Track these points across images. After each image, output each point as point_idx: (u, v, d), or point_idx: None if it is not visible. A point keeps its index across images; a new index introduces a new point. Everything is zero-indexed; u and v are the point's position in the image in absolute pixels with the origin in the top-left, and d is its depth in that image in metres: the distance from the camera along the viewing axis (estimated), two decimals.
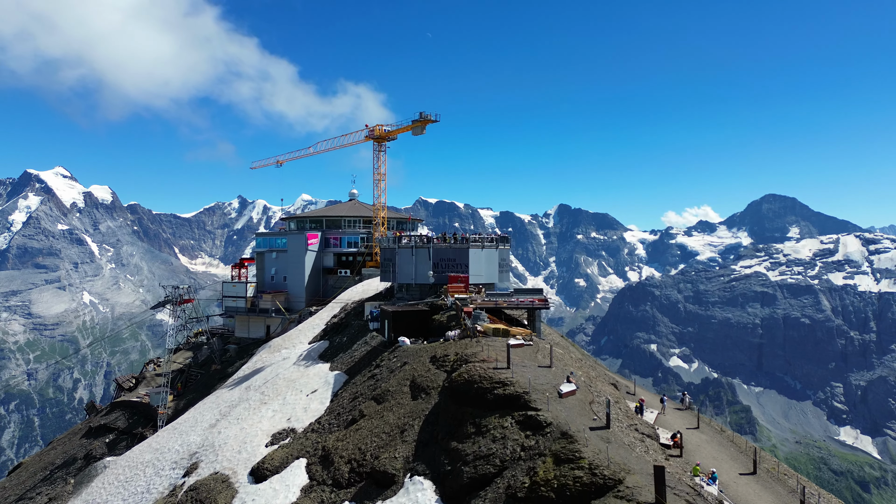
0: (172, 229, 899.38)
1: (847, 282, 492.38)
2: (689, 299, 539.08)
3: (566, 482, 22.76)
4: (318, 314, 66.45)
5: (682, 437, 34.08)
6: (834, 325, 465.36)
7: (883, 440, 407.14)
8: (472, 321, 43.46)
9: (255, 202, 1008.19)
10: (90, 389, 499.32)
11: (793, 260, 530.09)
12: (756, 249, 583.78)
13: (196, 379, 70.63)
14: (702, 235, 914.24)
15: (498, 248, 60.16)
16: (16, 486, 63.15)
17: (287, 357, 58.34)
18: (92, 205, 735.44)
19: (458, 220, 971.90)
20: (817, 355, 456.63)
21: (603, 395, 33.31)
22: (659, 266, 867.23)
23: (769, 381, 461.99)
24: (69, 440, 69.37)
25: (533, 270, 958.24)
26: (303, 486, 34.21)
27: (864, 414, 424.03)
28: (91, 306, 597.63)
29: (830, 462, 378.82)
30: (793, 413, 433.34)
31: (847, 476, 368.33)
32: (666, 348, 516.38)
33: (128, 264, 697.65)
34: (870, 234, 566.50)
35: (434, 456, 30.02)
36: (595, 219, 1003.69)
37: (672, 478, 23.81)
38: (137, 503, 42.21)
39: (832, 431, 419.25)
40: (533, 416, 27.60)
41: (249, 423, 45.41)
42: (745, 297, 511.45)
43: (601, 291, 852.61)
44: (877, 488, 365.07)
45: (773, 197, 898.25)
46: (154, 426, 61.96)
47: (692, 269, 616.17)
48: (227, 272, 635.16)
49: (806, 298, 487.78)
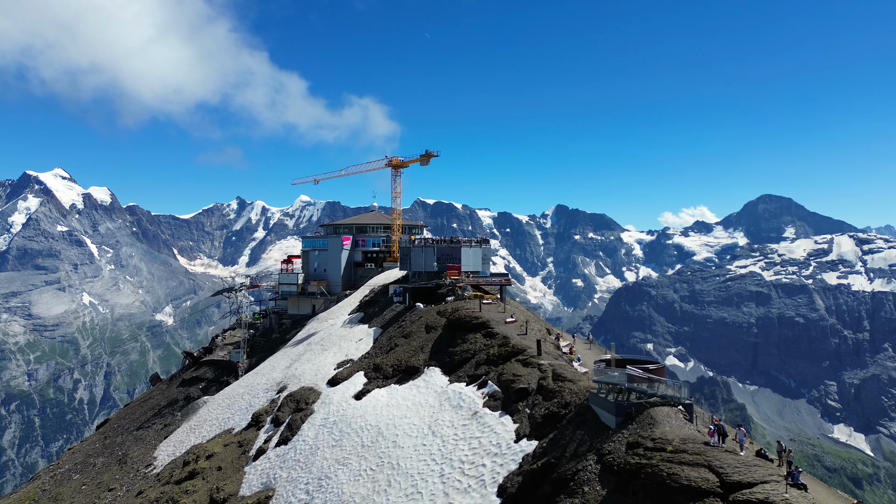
0: (171, 230, 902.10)
1: (841, 281, 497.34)
2: (685, 299, 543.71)
3: (503, 352, 45.29)
4: (353, 295, 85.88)
5: (573, 349, 51.46)
6: (828, 324, 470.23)
7: (876, 437, 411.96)
8: (462, 291, 66.28)
9: (254, 203, 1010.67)
10: (90, 390, 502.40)
11: (787, 260, 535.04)
12: (751, 249, 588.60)
13: (260, 345, 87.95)
14: (698, 236, 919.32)
15: (481, 247, 79.01)
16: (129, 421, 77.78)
17: (333, 324, 76.74)
18: (91, 206, 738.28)
19: (455, 220, 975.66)
20: (811, 354, 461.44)
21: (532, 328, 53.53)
22: (656, 266, 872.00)
23: (764, 380, 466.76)
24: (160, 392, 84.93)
25: (531, 271, 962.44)
26: (364, 382, 52.96)
27: (858, 412, 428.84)
28: (91, 307, 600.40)
29: (824, 459, 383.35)
30: (787, 411, 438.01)
31: (840, 473, 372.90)
32: (662, 347, 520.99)
33: (127, 265, 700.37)
34: (864, 234, 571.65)
35: (440, 356, 51.51)
36: (592, 219, 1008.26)
37: (548, 348, 46.45)
38: (243, 416, 58.49)
39: (826, 429, 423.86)
40: (490, 331, 50.51)
41: (318, 361, 62.45)
42: (740, 296, 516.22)
43: (598, 292, 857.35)
44: (869, 485, 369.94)
45: (768, 197, 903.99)
46: (236, 376, 77.19)
47: (688, 269, 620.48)
48: (226, 273, 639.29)
49: (800, 298, 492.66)
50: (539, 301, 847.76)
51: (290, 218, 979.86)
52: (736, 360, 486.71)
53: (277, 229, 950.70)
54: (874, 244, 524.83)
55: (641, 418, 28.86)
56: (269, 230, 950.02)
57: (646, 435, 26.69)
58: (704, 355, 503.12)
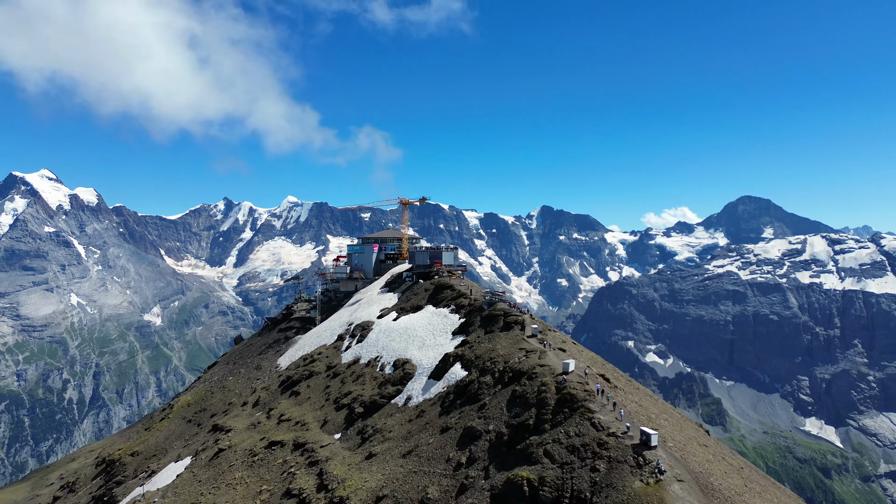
0: (158, 231, 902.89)
1: (813, 280, 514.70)
2: (665, 298, 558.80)
3: (456, 295, 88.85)
4: (380, 279, 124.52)
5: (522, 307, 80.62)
6: (800, 321, 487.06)
7: (845, 430, 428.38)
8: (443, 273, 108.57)
9: (241, 204, 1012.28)
10: (80, 390, 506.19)
11: (763, 259, 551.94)
12: (728, 250, 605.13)
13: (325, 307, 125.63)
14: (680, 236, 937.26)
15: (452, 251, 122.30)
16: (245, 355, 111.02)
17: (371, 294, 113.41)
18: (78, 207, 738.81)
19: (442, 221, 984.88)
20: (785, 350, 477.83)
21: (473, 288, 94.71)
22: (639, 266, 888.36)
23: (739, 375, 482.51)
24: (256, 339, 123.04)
25: (516, 271, 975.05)
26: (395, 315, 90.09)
27: (829, 405, 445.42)
28: (79, 308, 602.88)
29: (795, 451, 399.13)
30: (761, 405, 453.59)
31: (810, 464, 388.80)
32: (642, 345, 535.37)
33: (114, 266, 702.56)
34: (836, 234, 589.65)
35: (432, 300, 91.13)
36: (577, 220, 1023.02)
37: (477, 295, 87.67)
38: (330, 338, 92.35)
39: (798, 422, 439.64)
40: (453, 288, 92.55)
41: (368, 310, 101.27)
42: (717, 295, 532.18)
43: (583, 291, 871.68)
44: (838, 475, 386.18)
45: (748, 199, 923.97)
46: (314, 324, 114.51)
47: (669, 269, 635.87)
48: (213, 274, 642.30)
49: (774, 296, 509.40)
50: (525, 300, 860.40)
51: (278, 219, 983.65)
52: (713, 356, 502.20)
53: (265, 230, 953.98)
54: (846, 244, 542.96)
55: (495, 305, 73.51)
56: (257, 231, 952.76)
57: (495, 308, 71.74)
58: (683, 352, 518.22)
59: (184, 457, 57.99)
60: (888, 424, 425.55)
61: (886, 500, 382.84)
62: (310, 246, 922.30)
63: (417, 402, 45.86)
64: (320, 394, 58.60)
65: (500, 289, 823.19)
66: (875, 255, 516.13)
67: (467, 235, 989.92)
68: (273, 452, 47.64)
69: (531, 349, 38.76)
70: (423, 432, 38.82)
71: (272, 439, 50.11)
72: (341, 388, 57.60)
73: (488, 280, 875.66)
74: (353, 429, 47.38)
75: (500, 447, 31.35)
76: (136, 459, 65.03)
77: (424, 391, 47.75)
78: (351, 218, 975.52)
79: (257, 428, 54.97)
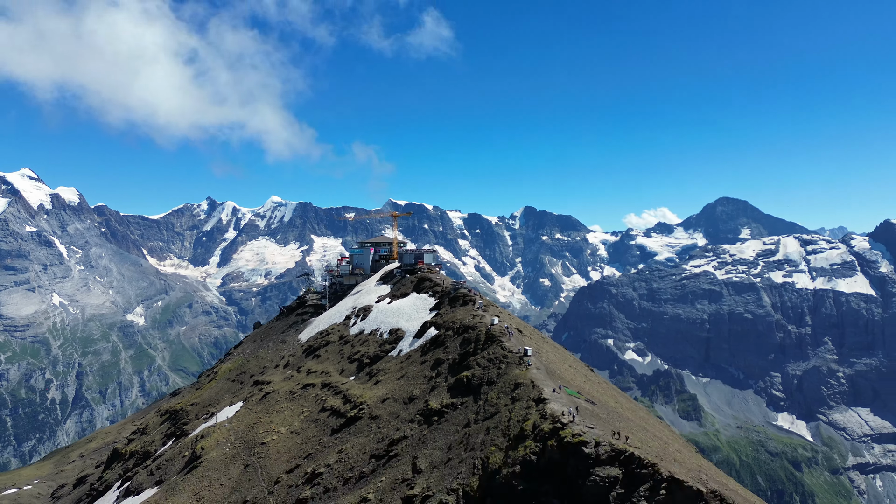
0: (140, 231, 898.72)
1: (786, 280, 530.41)
2: (644, 297, 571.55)
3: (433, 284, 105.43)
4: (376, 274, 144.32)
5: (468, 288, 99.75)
6: (773, 319, 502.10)
7: (816, 424, 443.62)
8: (425, 269, 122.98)
9: (225, 204, 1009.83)
10: (62, 390, 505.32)
11: (738, 260, 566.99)
12: (705, 250, 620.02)
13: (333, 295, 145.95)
14: (660, 237, 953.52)
15: (432, 252, 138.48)
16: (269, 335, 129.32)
17: (369, 286, 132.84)
18: (59, 206, 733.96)
19: (427, 221, 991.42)
20: (758, 347, 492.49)
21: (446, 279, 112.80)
22: (620, 266, 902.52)
23: (715, 372, 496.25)
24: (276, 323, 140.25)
25: (500, 271, 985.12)
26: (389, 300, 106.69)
27: (800, 401, 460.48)
28: (61, 308, 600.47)
29: (767, 444, 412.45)
30: (735, 401, 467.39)
31: (782, 457, 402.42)
32: (622, 343, 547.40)
33: (97, 266, 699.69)
34: (807, 235, 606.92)
35: (416, 289, 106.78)
36: (559, 221, 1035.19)
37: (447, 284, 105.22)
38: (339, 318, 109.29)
39: (771, 417, 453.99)
40: (432, 280, 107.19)
41: (368, 297, 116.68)
42: (694, 294, 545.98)
43: (565, 291, 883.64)
44: (808, 467, 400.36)
45: (726, 200, 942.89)
46: (324, 309, 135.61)
47: (648, 268, 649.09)
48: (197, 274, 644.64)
49: (749, 295, 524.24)
50: (508, 300, 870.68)
51: (262, 218, 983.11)
52: (690, 353, 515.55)
53: (249, 230, 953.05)
54: (817, 245, 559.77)
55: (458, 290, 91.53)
56: (241, 231, 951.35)
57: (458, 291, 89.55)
58: (661, 349, 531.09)
59: (236, 402, 75.33)
60: (856, 419, 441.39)
61: (853, 491, 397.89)
62: (294, 246, 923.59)
63: (406, 352, 67.98)
64: (336, 354, 75.52)
65: (484, 289, 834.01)
66: (845, 255, 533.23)
67: (451, 235, 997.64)
68: (307, 391, 66.08)
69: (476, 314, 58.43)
70: (409, 366, 60.22)
71: (304, 383, 70.18)
72: (352, 349, 78.53)
73: (472, 280, 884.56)
74: (364, 372, 68.59)
75: (454, 365, 52.42)
76: (195, 408, 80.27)
77: (411, 345, 70.74)
78: (335, 217, 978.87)
79: (291, 379, 74.12)
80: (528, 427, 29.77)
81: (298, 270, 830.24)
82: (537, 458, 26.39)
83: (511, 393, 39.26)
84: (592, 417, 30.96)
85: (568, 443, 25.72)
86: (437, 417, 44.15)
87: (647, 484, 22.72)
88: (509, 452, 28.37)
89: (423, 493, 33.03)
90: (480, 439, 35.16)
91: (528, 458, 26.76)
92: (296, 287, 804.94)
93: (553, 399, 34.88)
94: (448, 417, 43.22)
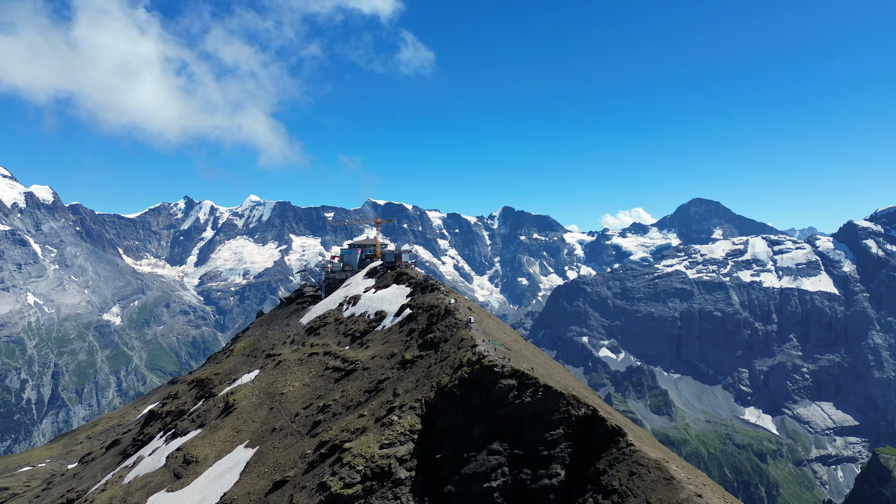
0: (116, 230, 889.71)
1: (754, 279, 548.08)
2: (618, 296, 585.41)
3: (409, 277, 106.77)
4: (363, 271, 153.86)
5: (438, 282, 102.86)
6: (741, 317, 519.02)
7: (781, 418, 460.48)
8: (403, 266, 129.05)
9: (202, 203, 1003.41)
10: (38, 390, 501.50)
11: (708, 259, 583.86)
12: (677, 250, 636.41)
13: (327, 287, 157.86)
14: (635, 237, 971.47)
15: (408, 252, 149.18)
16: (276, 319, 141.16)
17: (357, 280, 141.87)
18: (34, 205, 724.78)
19: (406, 221, 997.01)
20: (727, 344, 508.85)
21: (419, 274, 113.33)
22: (596, 265, 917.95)
23: (686, 368, 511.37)
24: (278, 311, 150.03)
25: (479, 270, 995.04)
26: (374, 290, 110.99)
27: (766, 395, 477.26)
28: (36, 307, 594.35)
29: (735, 438, 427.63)
30: (705, 396, 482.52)
31: (748, 449, 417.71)
32: (596, 340, 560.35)
33: (72, 265, 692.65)
34: (775, 235, 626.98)
35: (396, 281, 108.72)
36: (537, 221, 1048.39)
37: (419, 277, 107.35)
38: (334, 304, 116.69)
39: (738, 411, 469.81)
40: (408, 275, 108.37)
41: (357, 288, 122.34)
42: (666, 293, 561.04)
43: (542, 290, 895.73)
44: (773, 459, 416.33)
45: (699, 201, 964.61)
46: (320, 299, 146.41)
47: (624, 268, 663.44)
48: (174, 273, 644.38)
49: (718, 294, 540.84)
50: (486, 299, 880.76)
51: (240, 218, 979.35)
52: (662, 350, 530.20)
53: (227, 229, 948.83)
54: (783, 245, 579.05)
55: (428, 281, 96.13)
56: (218, 230, 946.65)
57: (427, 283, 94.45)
58: (634, 347, 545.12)
59: (253, 370, 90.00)
60: (819, 413, 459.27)
61: (816, 482, 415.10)
62: (272, 245, 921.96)
63: (388, 326, 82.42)
64: (333, 331, 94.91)
65: (463, 288, 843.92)
66: (810, 255, 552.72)
67: (431, 235, 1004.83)
68: (312, 357, 79.83)
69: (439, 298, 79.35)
70: (391, 335, 75.32)
71: (310, 353, 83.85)
72: (346, 327, 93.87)
73: (451, 279, 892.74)
74: (356, 342, 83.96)
75: (422, 332, 66.46)
76: (218, 377, 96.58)
77: (391, 322, 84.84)
78: (314, 217, 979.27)
79: (298, 351, 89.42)
80: (464, 360, 44.55)
81: (277, 270, 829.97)
82: (469, 375, 41.66)
83: (458, 345, 53.96)
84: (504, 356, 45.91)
85: (486, 366, 41.10)
86: (410, 364, 59.26)
87: (531, 389, 37.60)
88: (452, 375, 43.60)
89: (400, 405, 47.78)
90: (437, 372, 50.32)
91: (463, 376, 41.95)
92: (274, 286, 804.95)
93: (481, 345, 49.74)
94: (417, 363, 58.02)
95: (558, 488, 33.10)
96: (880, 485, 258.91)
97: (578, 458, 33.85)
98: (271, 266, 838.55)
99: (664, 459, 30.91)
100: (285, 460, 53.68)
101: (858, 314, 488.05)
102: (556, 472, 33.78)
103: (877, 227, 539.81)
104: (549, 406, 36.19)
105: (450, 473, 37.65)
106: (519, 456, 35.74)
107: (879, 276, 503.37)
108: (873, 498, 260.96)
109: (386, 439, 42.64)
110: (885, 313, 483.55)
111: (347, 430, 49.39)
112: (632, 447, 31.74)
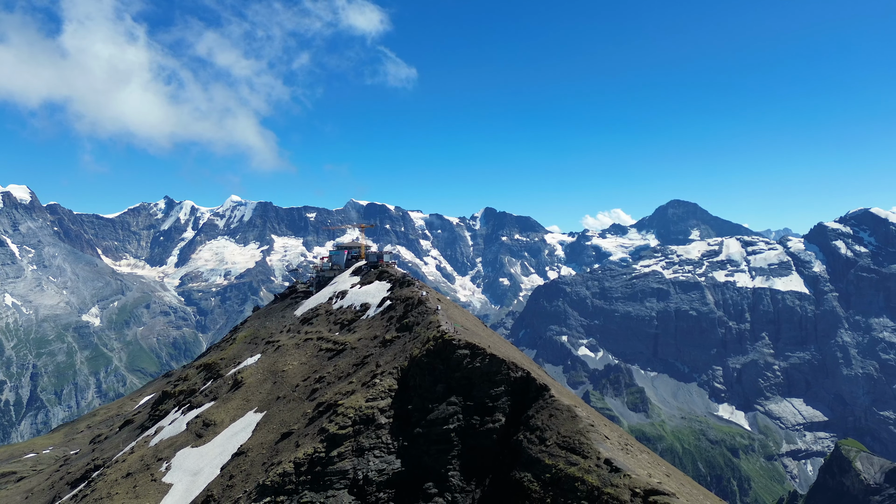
0: (95, 230, 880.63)
1: (728, 279, 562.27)
2: (596, 295, 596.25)
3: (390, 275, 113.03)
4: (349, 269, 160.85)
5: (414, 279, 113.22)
6: (716, 316, 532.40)
7: (753, 414, 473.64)
8: (384, 265, 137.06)
9: (183, 203, 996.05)
10: (17, 391, 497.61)
11: (684, 260, 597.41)
12: (654, 251, 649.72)
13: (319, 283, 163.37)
14: (615, 237, 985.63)
15: (390, 253, 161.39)
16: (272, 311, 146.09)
17: (344, 277, 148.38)
18: (11, 205, 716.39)
19: (388, 221, 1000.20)
20: (702, 343, 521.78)
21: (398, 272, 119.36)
22: (577, 266, 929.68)
23: (662, 366, 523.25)
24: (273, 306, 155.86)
25: (461, 270, 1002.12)
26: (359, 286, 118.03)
27: (739, 392, 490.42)
28: (14, 308, 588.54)
29: (708, 433, 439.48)
30: (681, 393, 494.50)
31: (721, 444, 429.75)
32: (575, 339, 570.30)
33: (50, 266, 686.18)
34: (748, 237, 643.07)
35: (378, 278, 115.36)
36: (519, 222, 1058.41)
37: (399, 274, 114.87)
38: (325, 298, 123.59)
39: (712, 408, 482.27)
40: (389, 273, 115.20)
41: (344, 285, 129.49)
42: (643, 292, 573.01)
43: (523, 290, 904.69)
44: (745, 454, 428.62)
45: (677, 202, 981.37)
46: (311, 294, 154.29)
47: (603, 268, 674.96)
48: (154, 274, 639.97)
49: (694, 293, 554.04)
50: (468, 299, 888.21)
51: (221, 218, 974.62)
52: (639, 349, 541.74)
53: (207, 229, 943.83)
54: (756, 246, 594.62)
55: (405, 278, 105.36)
56: (199, 230, 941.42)
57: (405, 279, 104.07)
58: (612, 345, 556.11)
59: (255, 355, 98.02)
60: (790, 409, 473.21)
61: (786, 476, 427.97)
62: (254, 246, 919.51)
63: (372, 315, 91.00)
64: (325, 321, 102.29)
65: (445, 288, 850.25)
66: (782, 255, 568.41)
67: (413, 236, 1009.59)
68: (307, 342, 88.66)
69: (414, 291, 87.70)
70: (374, 322, 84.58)
71: (305, 338, 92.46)
72: (336, 317, 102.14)
73: (433, 280, 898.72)
74: (345, 329, 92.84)
75: (399, 318, 75.63)
76: (223, 361, 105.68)
77: (374, 311, 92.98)
78: (296, 217, 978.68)
79: (294, 338, 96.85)
80: (431, 336, 54.71)
81: (259, 270, 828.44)
82: (433, 347, 52.02)
83: (427, 326, 64.13)
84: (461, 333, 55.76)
85: (446, 340, 51.47)
86: (390, 343, 69.38)
87: (480, 356, 47.97)
88: (421, 348, 53.93)
89: (381, 372, 57.94)
90: (410, 347, 60.39)
91: (429, 348, 52.34)
92: (256, 287, 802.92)
93: (444, 325, 60.20)
94: (395, 342, 67.96)
95: (499, 430, 44.41)
96: (841, 475, 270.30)
97: (515, 408, 45.06)
98: (253, 266, 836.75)
99: (574, 405, 41.68)
100: (290, 419, 64.10)
101: (828, 313, 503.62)
102: (498, 418, 45.05)
103: (846, 229, 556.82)
104: (494, 369, 47.25)
105: (418, 420, 48.51)
106: (470, 406, 46.76)
107: (848, 276, 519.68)
108: (835, 488, 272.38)
109: (370, 396, 53.28)
110: (854, 312, 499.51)
111: (340, 393, 59.41)
112: (553, 398, 42.15)
